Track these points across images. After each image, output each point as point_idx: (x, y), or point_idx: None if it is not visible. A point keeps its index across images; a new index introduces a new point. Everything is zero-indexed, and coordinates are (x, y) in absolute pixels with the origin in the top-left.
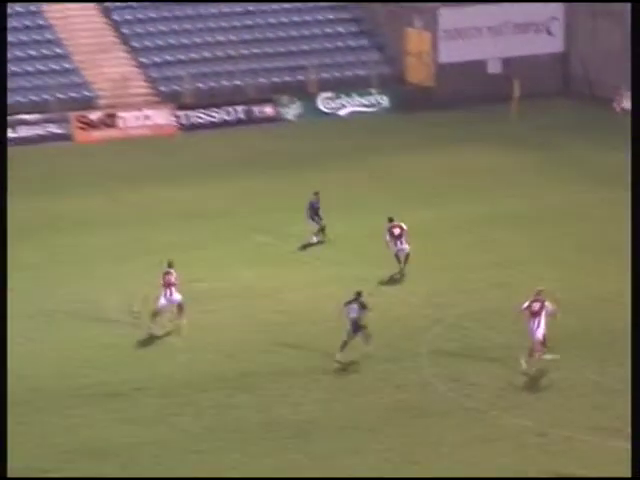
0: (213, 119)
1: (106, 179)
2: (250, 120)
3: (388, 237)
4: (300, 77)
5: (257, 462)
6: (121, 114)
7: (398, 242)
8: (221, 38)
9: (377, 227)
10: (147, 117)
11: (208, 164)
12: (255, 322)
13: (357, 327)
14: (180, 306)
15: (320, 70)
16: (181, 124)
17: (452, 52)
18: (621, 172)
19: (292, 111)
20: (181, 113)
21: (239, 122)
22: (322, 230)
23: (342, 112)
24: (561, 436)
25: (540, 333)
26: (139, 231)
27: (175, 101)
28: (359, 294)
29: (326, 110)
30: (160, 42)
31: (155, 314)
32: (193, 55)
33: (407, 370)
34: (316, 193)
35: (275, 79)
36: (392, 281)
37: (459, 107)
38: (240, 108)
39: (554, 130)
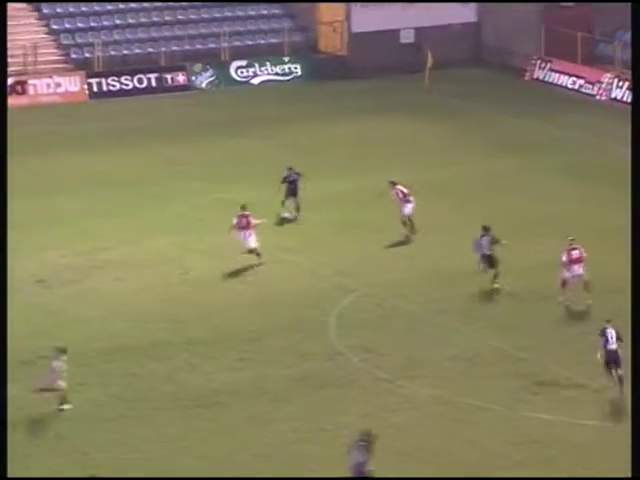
0: (125, 87)
1: (16, 147)
2: (162, 88)
3: (401, 196)
4: (212, 45)
5: (165, 431)
6: (32, 81)
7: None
8: (133, 5)
9: None
10: (58, 84)
11: (119, 132)
12: (164, 291)
13: (490, 260)
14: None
15: (233, 38)
16: (92, 92)
17: (365, 21)
18: (532, 140)
19: (205, 79)
20: (92, 81)
21: (151, 90)
22: (296, 208)
23: (255, 80)
24: (469, 405)
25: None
26: (50, 199)
27: (86, 68)
28: (487, 229)
29: (239, 78)
30: (71, 9)
31: (251, 252)
32: (105, 22)
33: (316, 340)
34: (289, 168)
35: (187, 47)
36: (304, 251)
37: (372, 76)
38: (152, 76)
39: (467, 99)
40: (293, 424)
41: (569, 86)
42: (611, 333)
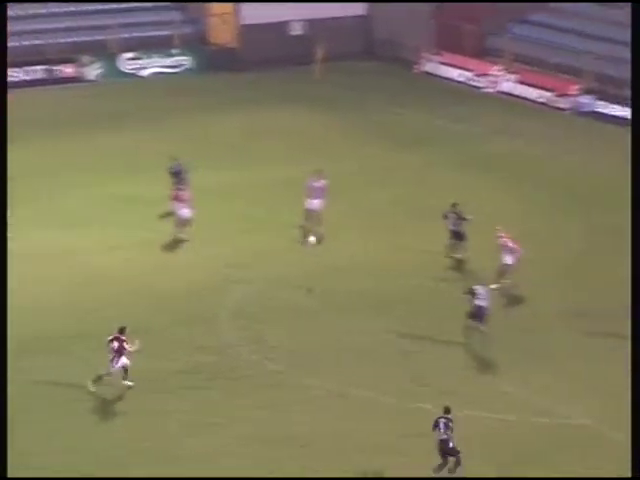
0: (13, 79)
1: None
2: (51, 80)
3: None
4: (101, 37)
5: (56, 426)
6: None
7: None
8: None
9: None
10: None
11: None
12: (54, 285)
13: (456, 235)
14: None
15: (122, 30)
16: None
17: (255, 13)
18: (422, 132)
19: (93, 71)
20: None
21: (40, 82)
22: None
23: (144, 73)
24: (362, 397)
25: (510, 260)
26: None
27: None
28: (454, 205)
29: (128, 70)
30: None
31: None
32: None
33: (207, 333)
34: (174, 159)
35: (76, 39)
36: (195, 244)
37: (263, 69)
38: (40, 68)
39: (358, 91)
40: (183, 417)
41: (458, 79)
42: (480, 291)
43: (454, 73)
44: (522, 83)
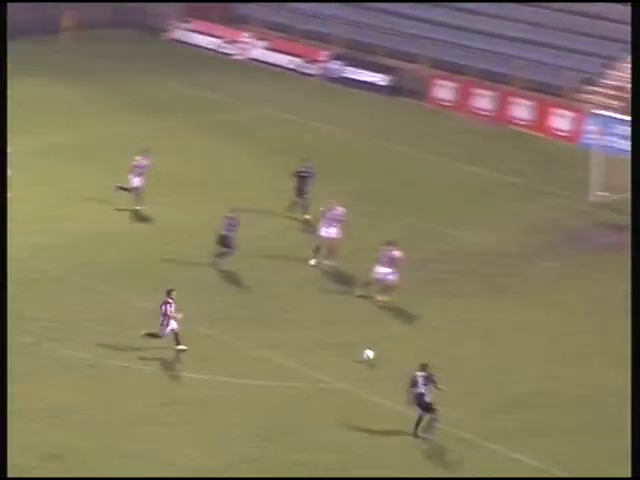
0: None
1: None
2: None
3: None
4: None
5: None
6: None
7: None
8: None
9: None
10: None
11: None
12: None
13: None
14: None
15: None
16: None
17: None
18: (171, 100)
19: None
20: None
21: None
22: None
23: None
24: (120, 367)
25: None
26: None
27: None
28: (306, 160)
29: None
30: None
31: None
32: None
33: None
34: None
35: None
36: None
37: (10, 37)
38: None
39: (107, 60)
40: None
41: (207, 46)
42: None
43: (203, 40)
44: (272, 50)
